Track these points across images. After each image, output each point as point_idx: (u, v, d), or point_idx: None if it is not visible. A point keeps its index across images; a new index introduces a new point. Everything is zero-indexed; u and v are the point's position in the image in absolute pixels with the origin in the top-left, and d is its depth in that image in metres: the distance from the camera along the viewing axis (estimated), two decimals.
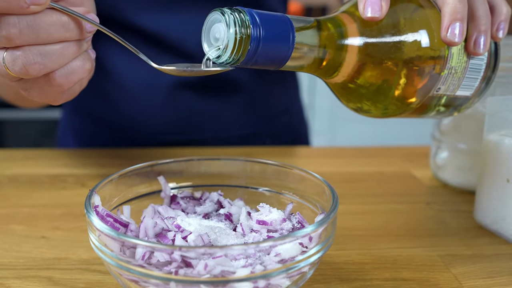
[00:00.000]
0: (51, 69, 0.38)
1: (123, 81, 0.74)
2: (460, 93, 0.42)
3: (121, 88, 0.75)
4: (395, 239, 0.47)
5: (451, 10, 0.39)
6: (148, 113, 0.76)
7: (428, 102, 0.42)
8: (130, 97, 0.75)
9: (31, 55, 0.36)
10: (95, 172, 0.64)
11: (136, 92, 0.75)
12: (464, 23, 0.39)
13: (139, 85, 0.75)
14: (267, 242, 0.31)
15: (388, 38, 0.38)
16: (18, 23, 0.35)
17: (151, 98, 0.75)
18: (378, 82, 0.39)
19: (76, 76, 0.40)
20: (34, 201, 0.55)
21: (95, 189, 0.38)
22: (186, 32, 0.72)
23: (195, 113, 0.76)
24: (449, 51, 0.40)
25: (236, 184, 0.45)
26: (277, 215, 0.39)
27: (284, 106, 0.85)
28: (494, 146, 0.47)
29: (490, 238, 0.48)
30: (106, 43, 0.72)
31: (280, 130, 0.84)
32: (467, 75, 0.42)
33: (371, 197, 0.57)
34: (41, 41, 0.36)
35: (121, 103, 0.75)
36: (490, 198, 0.48)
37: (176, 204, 0.43)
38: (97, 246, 0.33)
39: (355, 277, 0.40)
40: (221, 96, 0.77)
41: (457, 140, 0.58)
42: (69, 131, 0.84)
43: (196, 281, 0.30)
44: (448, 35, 0.38)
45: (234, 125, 0.79)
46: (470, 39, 0.41)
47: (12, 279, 0.40)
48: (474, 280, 0.40)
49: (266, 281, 0.31)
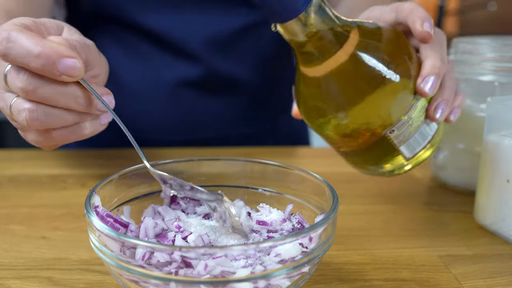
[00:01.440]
0: (51, 127, 0.39)
1: (124, 80, 0.74)
2: (403, 149, 0.44)
3: (122, 87, 0.75)
4: (395, 240, 0.47)
5: (431, 64, 0.43)
6: (149, 112, 0.76)
7: (379, 140, 0.43)
8: (131, 96, 0.75)
9: (35, 113, 0.38)
10: (95, 173, 0.64)
11: (137, 91, 0.75)
12: (438, 80, 0.42)
13: (140, 84, 0.75)
14: (267, 243, 0.31)
15: (376, 63, 0.41)
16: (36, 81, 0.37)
17: (153, 97, 0.75)
18: (348, 89, 0.42)
19: (73, 137, 0.42)
20: (34, 202, 0.55)
21: (95, 189, 0.38)
22: (188, 32, 0.72)
23: (197, 112, 0.76)
24: (416, 102, 0.43)
25: (236, 184, 0.45)
26: (277, 216, 0.39)
27: (286, 106, 0.85)
28: (494, 147, 0.47)
29: (490, 238, 0.48)
30: (105, 41, 0.72)
31: (282, 131, 0.84)
32: (416, 135, 0.44)
33: (371, 198, 0.57)
34: (49, 102, 0.38)
35: (123, 102, 0.75)
36: (490, 198, 0.48)
37: (176, 204, 0.43)
38: (97, 246, 0.33)
39: (355, 278, 0.40)
40: (223, 95, 0.77)
41: (457, 141, 0.58)
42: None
43: (196, 281, 0.30)
44: (422, 84, 0.42)
45: (236, 125, 0.79)
46: (433, 103, 0.44)
47: (12, 279, 0.40)
48: (474, 281, 0.40)
49: (266, 281, 0.31)
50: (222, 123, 0.78)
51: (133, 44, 0.74)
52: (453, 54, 0.60)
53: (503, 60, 0.55)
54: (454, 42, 0.60)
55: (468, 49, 0.57)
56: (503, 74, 0.54)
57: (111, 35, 0.75)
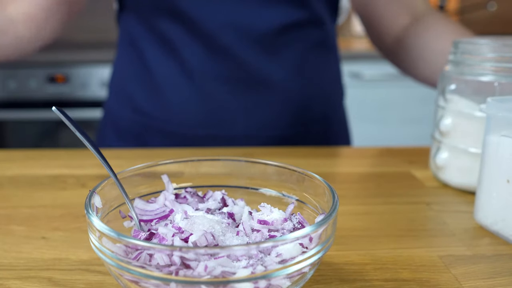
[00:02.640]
0: None
1: (155, 70, 0.74)
2: None
3: (153, 76, 0.75)
4: (395, 240, 0.47)
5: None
6: (177, 104, 0.75)
7: None
8: (161, 86, 0.75)
9: None
10: (95, 173, 0.64)
11: (167, 82, 0.74)
12: None
13: (170, 75, 0.74)
14: (267, 243, 0.31)
15: None
16: None
17: (182, 89, 0.74)
18: None
19: None
20: (34, 202, 0.55)
21: (95, 189, 0.38)
22: (224, 22, 0.71)
23: (226, 108, 0.75)
24: None
25: (237, 184, 0.45)
26: (278, 215, 0.39)
27: (323, 113, 0.82)
28: (494, 147, 0.47)
29: (490, 238, 0.48)
30: (138, 30, 0.72)
31: (314, 138, 0.82)
32: None
33: (371, 198, 0.57)
34: None
35: (152, 92, 0.75)
36: (490, 198, 0.48)
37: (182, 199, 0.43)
38: (97, 246, 0.33)
39: (355, 278, 0.40)
40: (255, 94, 0.75)
41: (457, 141, 0.58)
42: (109, 124, 0.84)
43: (196, 282, 0.30)
44: None
45: (266, 126, 0.77)
46: None
47: (12, 279, 0.40)
48: (474, 281, 0.40)
49: (267, 282, 0.31)
50: (252, 122, 0.76)
51: (166, 33, 0.73)
52: (453, 54, 0.60)
53: (503, 60, 0.55)
54: (454, 42, 0.60)
55: (468, 50, 0.57)
56: (503, 75, 0.54)
57: (143, 22, 0.75)
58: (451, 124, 0.59)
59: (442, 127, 0.59)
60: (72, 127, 0.37)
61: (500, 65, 0.55)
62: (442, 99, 0.60)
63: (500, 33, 2.36)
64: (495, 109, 0.47)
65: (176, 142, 0.77)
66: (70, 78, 1.84)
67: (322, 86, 0.82)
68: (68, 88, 1.85)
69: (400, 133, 2.01)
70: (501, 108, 0.47)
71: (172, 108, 0.76)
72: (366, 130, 1.99)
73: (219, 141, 0.76)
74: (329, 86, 0.84)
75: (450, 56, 0.60)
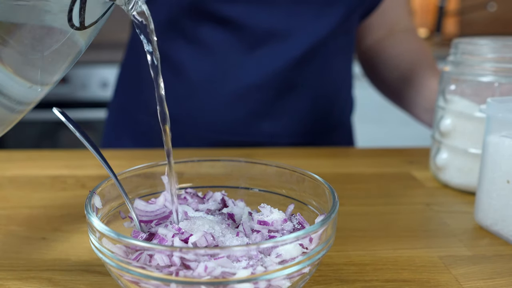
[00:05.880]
0: None
1: (190, 75, 0.73)
2: None
3: (186, 80, 0.74)
4: (395, 240, 0.47)
5: None
6: (207, 109, 0.74)
7: None
8: (195, 91, 0.74)
9: None
10: (95, 173, 0.64)
11: (202, 88, 0.73)
12: None
13: (206, 81, 0.73)
14: (267, 243, 0.31)
15: None
16: None
17: (214, 95, 0.73)
18: None
19: None
20: (34, 202, 0.55)
21: (95, 190, 0.38)
22: (275, 26, 0.70)
23: (254, 114, 0.74)
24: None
25: (236, 185, 0.45)
26: (278, 216, 0.39)
27: (339, 120, 0.83)
28: (494, 147, 0.47)
29: (490, 239, 0.48)
30: (172, 36, 0.71)
31: (333, 145, 0.82)
32: None
33: (371, 198, 0.57)
34: None
35: (183, 97, 0.74)
36: (490, 199, 0.48)
37: (182, 199, 0.43)
38: (97, 247, 0.33)
39: (355, 278, 0.40)
40: (285, 100, 0.75)
41: (457, 141, 0.58)
42: (121, 129, 0.83)
43: (196, 282, 0.30)
44: None
45: (292, 133, 0.77)
46: None
47: (12, 280, 0.40)
48: (474, 281, 0.40)
49: (267, 282, 0.31)
50: (278, 129, 0.76)
51: (204, 39, 0.72)
52: (453, 55, 0.60)
53: (503, 61, 0.55)
54: (454, 42, 0.60)
55: (468, 50, 0.57)
56: (503, 75, 0.55)
57: (179, 32, 0.74)
58: (451, 125, 0.59)
59: (442, 127, 0.59)
60: (72, 128, 0.37)
61: (500, 66, 0.55)
62: (442, 99, 0.60)
63: (500, 34, 2.36)
64: (495, 109, 0.47)
65: (201, 146, 0.76)
66: (70, 79, 1.85)
67: (343, 92, 0.83)
68: (68, 89, 1.85)
69: (400, 133, 2.01)
70: (501, 109, 0.47)
71: (201, 113, 0.75)
72: (366, 130, 1.99)
73: (243, 147, 0.75)
74: (346, 94, 0.85)
75: (450, 56, 0.60)
